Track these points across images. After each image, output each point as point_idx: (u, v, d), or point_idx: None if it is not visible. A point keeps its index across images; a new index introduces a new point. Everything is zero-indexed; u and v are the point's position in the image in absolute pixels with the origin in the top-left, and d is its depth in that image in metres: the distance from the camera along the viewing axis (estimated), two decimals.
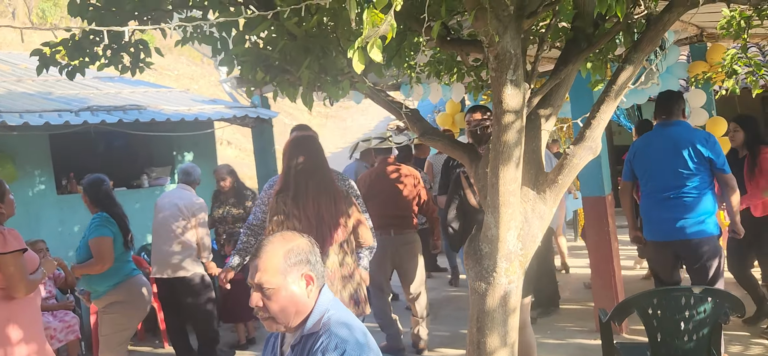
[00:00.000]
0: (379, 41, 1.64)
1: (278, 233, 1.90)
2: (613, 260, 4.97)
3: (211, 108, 6.87)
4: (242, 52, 2.65)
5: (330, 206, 3.21)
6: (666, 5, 2.26)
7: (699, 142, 3.96)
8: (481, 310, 2.43)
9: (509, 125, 2.24)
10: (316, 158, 3.31)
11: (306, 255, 1.85)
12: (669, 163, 4.03)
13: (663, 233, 4.07)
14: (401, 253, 4.88)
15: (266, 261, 1.80)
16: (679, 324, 3.01)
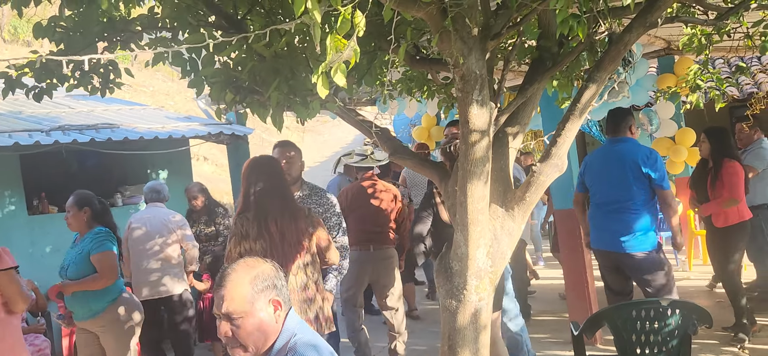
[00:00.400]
0: (343, 66, 1.66)
1: (241, 261, 1.89)
2: (586, 272, 5.02)
3: (185, 125, 6.84)
4: (211, 73, 2.65)
5: (291, 225, 3.20)
6: (626, 26, 2.32)
7: (640, 158, 4.13)
8: (453, 328, 2.45)
9: (476, 144, 2.27)
10: (276, 178, 3.30)
11: (272, 280, 1.85)
12: (613, 178, 4.24)
13: (604, 242, 4.31)
14: (379, 268, 4.89)
15: (232, 290, 1.79)
16: (649, 336, 3.06)
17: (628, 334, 3.05)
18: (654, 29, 5.19)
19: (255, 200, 3.22)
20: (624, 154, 4.20)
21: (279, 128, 2.80)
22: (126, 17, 3.09)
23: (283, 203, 3.23)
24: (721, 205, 4.76)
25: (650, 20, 2.25)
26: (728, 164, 4.75)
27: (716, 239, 4.92)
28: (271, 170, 3.33)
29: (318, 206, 3.86)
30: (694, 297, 6.19)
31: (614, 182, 4.23)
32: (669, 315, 3.01)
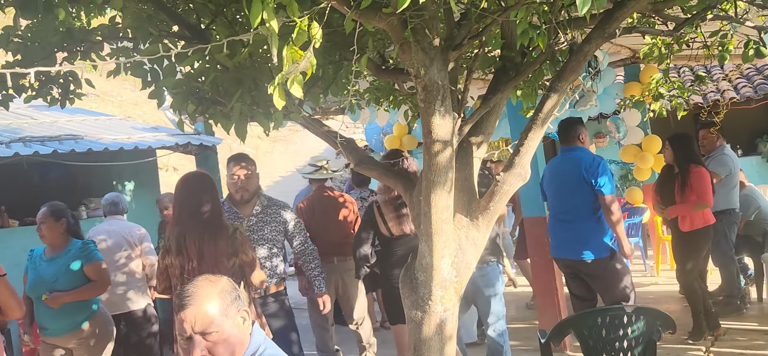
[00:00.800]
0: (299, 77, 1.64)
1: (200, 278, 1.86)
2: (555, 280, 5.06)
3: (152, 136, 6.74)
4: (173, 84, 2.61)
5: (210, 244, 3.19)
6: (586, 37, 2.35)
7: (583, 167, 4.24)
8: (418, 339, 2.44)
9: (439, 154, 2.26)
10: (201, 195, 3.29)
11: (235, 293, 1.83)
12: (563, 187, 4.37)
13: (561, 250, 4.42)
14: (345, 280, 4.85)
15: (203, 307, 1.75)
16: (613, 343, 3.09)
17: (593, 341, 3.07)
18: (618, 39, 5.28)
19: (178, 216, 3.27)
20: (572, 163, 4.31)
21: (242, 139, 2.77)
22: (86, 27, 3.04)
23: (206, 221, 3.24)
24: (690, 208, 4.84)
25: (609, 31, 2.28)
26: (695, 169, 4.85)
27: (680, 244, 5.02)
28: (197, 186, 3.33)
29: (271, 221, 3.84)
30: (661, 302, 6.28)
31: (564, 191, 4.36)
32: (633, 322, 3.04)
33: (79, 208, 6.68)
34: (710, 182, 4.89)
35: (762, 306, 5.76)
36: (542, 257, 5.10)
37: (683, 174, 4.91)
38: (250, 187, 3.84)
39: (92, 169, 6.67)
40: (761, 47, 2.82)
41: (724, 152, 5.73)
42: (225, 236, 3.24)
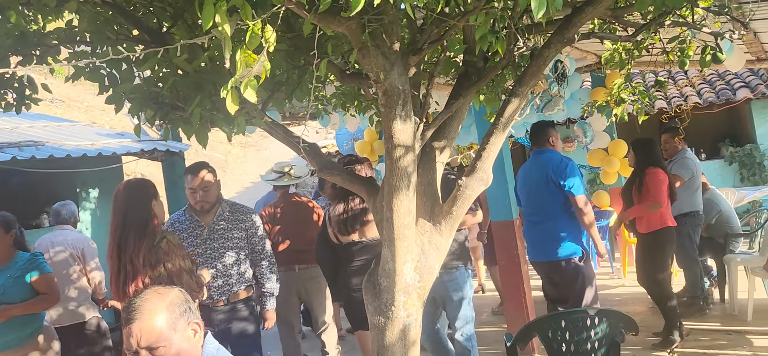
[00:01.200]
0: (253, 81, 1.62)
1: (149, 291, 1.81)
2: (523, 283, 5.10)
3: (117, 142, 6.61)
4: (130, 89, 2.56)
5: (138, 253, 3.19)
6: (545, 42, 2.36)
7: (551, 169, 4.32)
8: (381, 345, 2.42)
9: (401, 159, 2.25)
10: (130, 203, 3.29)
11: (186, 304, 1.78)
12: (534, 190, 4.45)
13: (534, 254, 4.51)
14: (307, 287, 4.81)
15: (150, 321, 1.71)
16: (578, 346, 3.11)
17: (557, 344, 3.09)
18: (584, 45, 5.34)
19: (113, 225, 3.29)
20: (541, 165, 4.40)
21: (203, 145, 2.72)
22: (41, 31, 2.96)
23: (136, 229, 3.23)
24: (644, 210, 4.93)
25: (568, 36, 2.30)
26: (651, 171, 4.95)
27: (641, 246, 5.12)
28: (129, 195, 3.33)
29: (235, 227, 3.78)
30: (628, 303, 6.37)
31: (534, 194, 4.45)
32: (596, 324, 3.07)
33: (41, 216, 6.52)
34: (666, 184, 4.97)
35: (724, 306, 5.88)
36: (510, 261, 5.13)
37: (640, 177, 5.01)
38: (209, 197, 3.76)
39: (55, 176, 6.50)
40: (718, 53, 2.87)
41: (686, 155, 5.84)
42: (148, 244, 3.21)
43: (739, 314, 5.50)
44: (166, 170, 7.15)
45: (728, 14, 2.84)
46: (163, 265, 3.19)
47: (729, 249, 5.89)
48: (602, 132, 7.71)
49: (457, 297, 4.12)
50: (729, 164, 11.27)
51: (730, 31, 2.78)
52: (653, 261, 4.99)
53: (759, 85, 10.67)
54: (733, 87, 10.95)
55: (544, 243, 4.38)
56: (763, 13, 4.06)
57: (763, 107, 11.06)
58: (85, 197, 6.86)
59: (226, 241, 3.80)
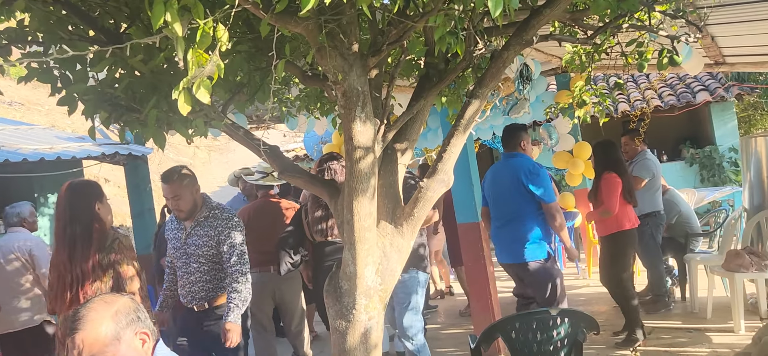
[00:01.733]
0: (206, 82, 1.59)
1: (96, 299, 1.76)
2: (489, 285, 5.12)
3: (77, 146, 6.46)
4: (84, 90, 2.49)
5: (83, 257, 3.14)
6: (504, 44, 2.37)
7: (523, 174, 4.35)
8: (342, 348, 2.40)
9: (361, 161, 2.24)
10: (73, 207, 3.23)
11: (135, 313, 1.73)
12: (503, 192, 4.49)
13: (503, 256, 4.55)
14: (282, 289, 4.76)
15: (93, 331, 1.65)
16: (541, 346, 3.13)
17: (520, 345, 3.11)
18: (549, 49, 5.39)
19: (56, 231, 3.22)
20: (512, 169, 4.43)
21: (161, 147, 2.67)
22: None
23: (82, 235, 3.18)
24: (596, 214, 5.03)
25: (526, 38, 2.31)
26: (606, 176, 5.03)
27: (602, 247, 5.21)
28: (72, 197, 3.27)
29: (208, 233, 3.71)
30: (592, 303, 6.46)
31: (503, 197, 4.47)
32: (558, 324, 3.09)
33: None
34: (617, 190, 4.98)
35: (685, 304, 6.00)
36: (476, 262, 5.15)
37: (596, 181, 5.10)
38: (181, 205, 3.68)
39: (12, 180, 6.33)
40: (675, 56, 2.92)
41: (646, 157, 5.95)
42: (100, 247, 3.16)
43: (699, 312, 5.62)
44: (129, 174, 6.99)
45: (684, 18, 2.89)
46: (114, 267, 3.13)
47: (689, 249, 6.02)
48: (567, 135, 7.83)
49: (405, 302, 4.10)
50: (690, 165, 11.53)
51: (686, 34, 2.82)
52: (614, 263, 5.07)
53: (718, 89, 10.95)
54: (693, 90, 11.22)
55: (512, 245, 4.41)
56: (721, 18, 4.16)
57: (722, 110, 11.35)
58: (43, 202, 6.69)
59: (199, 247, 3.70)
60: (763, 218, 5.43)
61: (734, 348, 4.55)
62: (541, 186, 4.32)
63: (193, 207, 3.73)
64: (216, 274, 3.74)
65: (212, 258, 3.72)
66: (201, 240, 3.71)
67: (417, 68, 2.82)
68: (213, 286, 3.75)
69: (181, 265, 3.78)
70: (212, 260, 3.72)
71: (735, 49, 5.54)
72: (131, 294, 3.06)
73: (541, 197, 4.28)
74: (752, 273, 5.01)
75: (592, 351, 4.97)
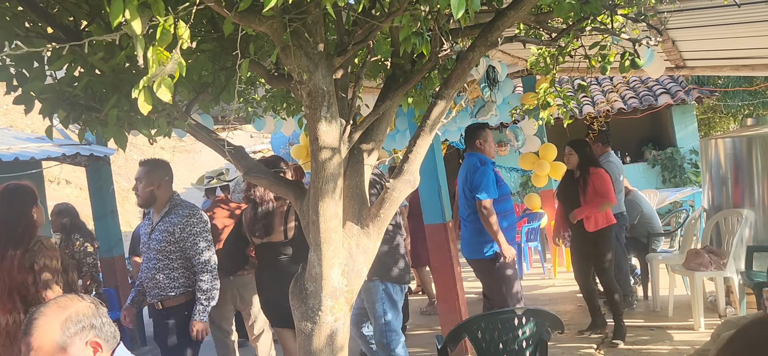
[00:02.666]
0: (168, 80, 1.55)
1: (52, 302, 1.70)
2: (455, 285, 5.14)
3: (36, 147, 6.28)
4: (41, 88, 2.42)
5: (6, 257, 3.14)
6: (470, 45, 2.39)
7: (467, 171, 4.55)
8: (308, 351, 2.37)
9: (326, 162, 2.22)
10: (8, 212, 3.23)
11: (89, 320, 1.67)
12: (460, 190, 4.69)
13: (464, 251, 4.75)
14: (241, 294, 4.71)
15: (40, 337, 1.60)
16: (506, 345, 3.16)
17: (486, 344, 3.13)
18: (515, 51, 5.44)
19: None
20: (464, 168, 4.64)
21: (122, 147, 2.61)
22: None
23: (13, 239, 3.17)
24: (595, 208, 5.04)
25: (491, 39, 2.33)
26: (595, 171, 5.11)
27: (588, 245, 5.19)
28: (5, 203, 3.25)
29: (170, 229, 3.66)
30: (558, 303, 6.55)
31: (460, 195, 4.67)
32: (524, 324, 3.12)
33: None
34: (610, 182, 5.13)
35: (647, 303, 6.13)
36: (443, 263, 5.17)
37: (585, 177, 5.13)
38: (140, 191, 3.74)
39: None
40: (636, 59, 2.98)
41: (610, 159, 6.06)
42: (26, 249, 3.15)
43: (660, 310, 5.74)
44: (91, 176, 6.84)
45: (645, 21, 2.94)
46: (34, 270, 3.13)
47: (651, 248, 6.15)
48: (533, 136, 7.93)
49: (371, 312, 4.06)
50: (652, 166, 11.78)
51: (647, 37, 2.88)
52: (601, 257, 5.13)
53: (679, 92, 11.22)
54: (655, 93, 11.47)
55: (470, 241, 4.60)
56: (681, 23, 4.26)
57: (683, 113, 11.63)
58: None
59: (159, 243, 3.70)
60: (722, 218, 5.57)
61: (694, 345, 4.66)
62: (476, 183, 4.45)
63: (150, 198, 3.75)
64: (171, 273, 3.72)
65: (168, 255, 3.69)
66: (161, 236, 3.71)
67: (383, 69, 2.82)
68: (167, 284, 3.71)
69: (144, 260, 3.80)
70: (168, 256, 3.70)
71: (695, 53, 5.69)
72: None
73: (473, 194, 4.43)
74: (711, 272, 5.14)
75: (556, 350, 5.04)
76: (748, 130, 5.68)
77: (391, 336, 4.01)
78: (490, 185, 4.40)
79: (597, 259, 5.17)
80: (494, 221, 4.35)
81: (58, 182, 13.04)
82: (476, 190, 4.41)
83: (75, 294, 1.76)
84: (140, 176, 3.74)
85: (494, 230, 4.36)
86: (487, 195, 4.37)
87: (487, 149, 4.67)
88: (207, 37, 2.73)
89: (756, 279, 4.84)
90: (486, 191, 4.38)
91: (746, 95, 12.13)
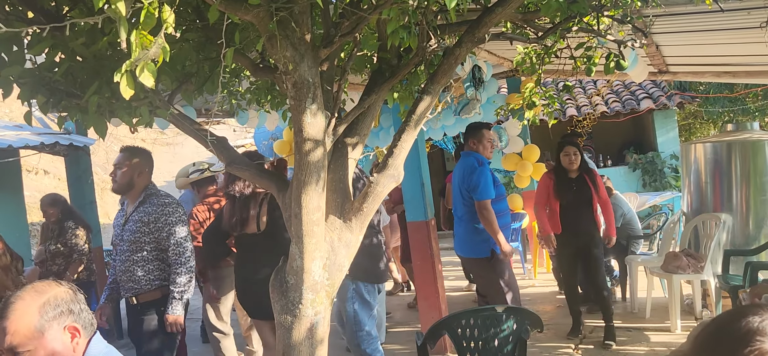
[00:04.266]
0: (151, 65, 1.53)
1: (30, 287, 1.68)
2: (436, 282, 5.15)
3: (14, 134, 6.17)
4: (19, 73, 2.37)
5: None
6: (457, 41, 2.38)
7: (464, 171, 4.57)
8: (288, 344, 2.36)
9: (310, 154, 2.21)
10: None
11: (67, 305, 1.65)
12: (455, 190, 4.73)
13: (457, 249, 4.82)
14: (219, 287, 4.68)
15: (17, 321, 1.58)
16: (486, 342, 3.16)
17: (467, 341, 3.13)
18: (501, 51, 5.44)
19: None
20: (459, 168, 4.68)
21: (102, 136, 2.57)
22: None
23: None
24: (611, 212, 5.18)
25: (478, 35, 2.33)
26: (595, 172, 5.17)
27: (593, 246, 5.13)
28: None
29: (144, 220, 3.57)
30: (538, 303, 6.59)
31: (455, 194, 4.69)
32: (504, 322, 3.13)
33: None
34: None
35: (625, 304, 6.18)
36: (424, 260, 5.18)
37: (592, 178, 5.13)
38: (118, 177, 3.61)
39: None
40: (621, 60, 2.99)
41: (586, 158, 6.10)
42: None
43: (638, 311, 5.80)
44: (70, 166, 6.75)
45: (631, 23, 2.96)
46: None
47: (631, 250, 6.20)
48: (516, 137, 7.96)
49: (342, 311, 3.98)
50: (633, 170, 11.89)
51: (632, 39, 2.90)
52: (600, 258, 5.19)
53: (661, 97, 11.34)
54: (638, 98, 11.58)
55: (465, 239, 4.62)
56: (665, 27, 4.30)
57: (664, 117, 11.75)
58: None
59: (134, 233, 3.57)
60: (700, 222, 5.64)
61: (670, 346, 4.71)
62: (473, 184, 4.48)
63: (127, 185, 3.64)
64: (145, 265, 3.58)
65: (142, 246, 3.57)
66: (135, 226, 3.59)
67: (370, 63, 2.81)
68: (141, 277, 3.57)
69: (117, 253, 3.67)
70: (142, 248, 3.57)
71: (677, 59, 5.74)
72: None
73: (471, 194, 4.46)
74: (689, 274, 5.20)
75: (535, 349, 5.07)
76: (728, 135, 5.75)
77: (362, 336, 3.91)
78: (488, 186, 4.44)
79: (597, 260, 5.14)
80: (494, 221, 4.37)
81: (36, 172, 12.84)
82: (474, 191, 4.43)
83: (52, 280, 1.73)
84: (120, 162, 3.63)
85: (494, 229, 4.38)
86: (486, 196, 4.41)
87: (481, 150, 4.68)
88: (192, 27, 2.70)
89: (732, 283, 4.90)
90: (485, 192, 4.42)
91: (727, 102, 12.29)
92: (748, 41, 4.47)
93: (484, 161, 4.63)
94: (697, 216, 5.71)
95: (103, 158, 14.62)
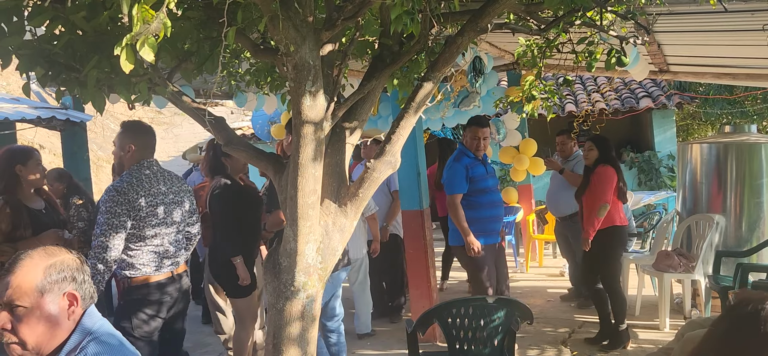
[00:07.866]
0: (151, 40, 1.52)
1: (41, 248, 1.70)
2: (428, 271, 5.18)
3: (10, 107, 6.13)
4: (19, 44, 2.36)
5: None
6: (459, 30, 2.38)
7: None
8: (279, 325, 2.36)
9: (308, 137, 2.21)
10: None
11: (71, 273, 1.67)
12: None
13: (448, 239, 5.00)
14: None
15: (22, 277, 1.60)
16: (476, 332, 3.18)
17: (456, 330, 3.15)
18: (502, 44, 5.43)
19: None
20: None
21: (100, 111, 2.56)
22: None
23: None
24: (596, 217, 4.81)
25: (481, 25, 2.32)
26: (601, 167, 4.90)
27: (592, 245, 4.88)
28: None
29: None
30: (528, 296, 6.61)
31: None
32: (494, 312, 3.15)
33: None
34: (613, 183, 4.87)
35: None
36: (417, 250, 5.20)
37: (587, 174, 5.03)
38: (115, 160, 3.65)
39: None
40: (622, 57, 2.99)
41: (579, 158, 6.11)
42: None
43: (628, 309, 5.82)
44: (65, 141, 6.72)
45: (634, 19, 2.96)
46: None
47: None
48: (514, 130, 7.96)
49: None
50: (629, 168, 11.91)
51: (635, 36, 2.90)
52: (605, 259, 4.85)
53: (660, 96, 11.34)
54: (637, 96, 11.59)
55: (452, 228, 4.71)
56: (668, 26, 4.30)
57: (662, 117, 11.76)
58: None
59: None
60: (693, 222, 5.66)
61: (658, 344, 4.74)
62: (446, 178, 4.64)
63: (120, 166, 3.63)
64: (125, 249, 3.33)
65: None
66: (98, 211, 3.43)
67: (371, 49, 2.80)
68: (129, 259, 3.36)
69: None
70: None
71: (678, 58, 5.75)
72: None
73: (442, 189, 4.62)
74: (680, 274, 5.23)
75: (524, 342, 5.10)
76: (725, 137, 5.77)
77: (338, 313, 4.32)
78: (454, 181, 4.53)
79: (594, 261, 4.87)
80: (462, 217, 4.49)
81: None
82: (445, 184, 4.65)
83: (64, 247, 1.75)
84: (115, 139, 3.51)
85: (462, 226, 4.48)
86: (453, 191, 4.53)
87: (466, 144, 4.72)
88: (194, 4, 2.69)
89: (722, 283, 4.93)
90: (452, 187, 4.55)
91: (726, 104, 12.31)
92: (749, 44, 4.48)
93: (463, 156, 4.62)
94: (691, 216, 5.73)
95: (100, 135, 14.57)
